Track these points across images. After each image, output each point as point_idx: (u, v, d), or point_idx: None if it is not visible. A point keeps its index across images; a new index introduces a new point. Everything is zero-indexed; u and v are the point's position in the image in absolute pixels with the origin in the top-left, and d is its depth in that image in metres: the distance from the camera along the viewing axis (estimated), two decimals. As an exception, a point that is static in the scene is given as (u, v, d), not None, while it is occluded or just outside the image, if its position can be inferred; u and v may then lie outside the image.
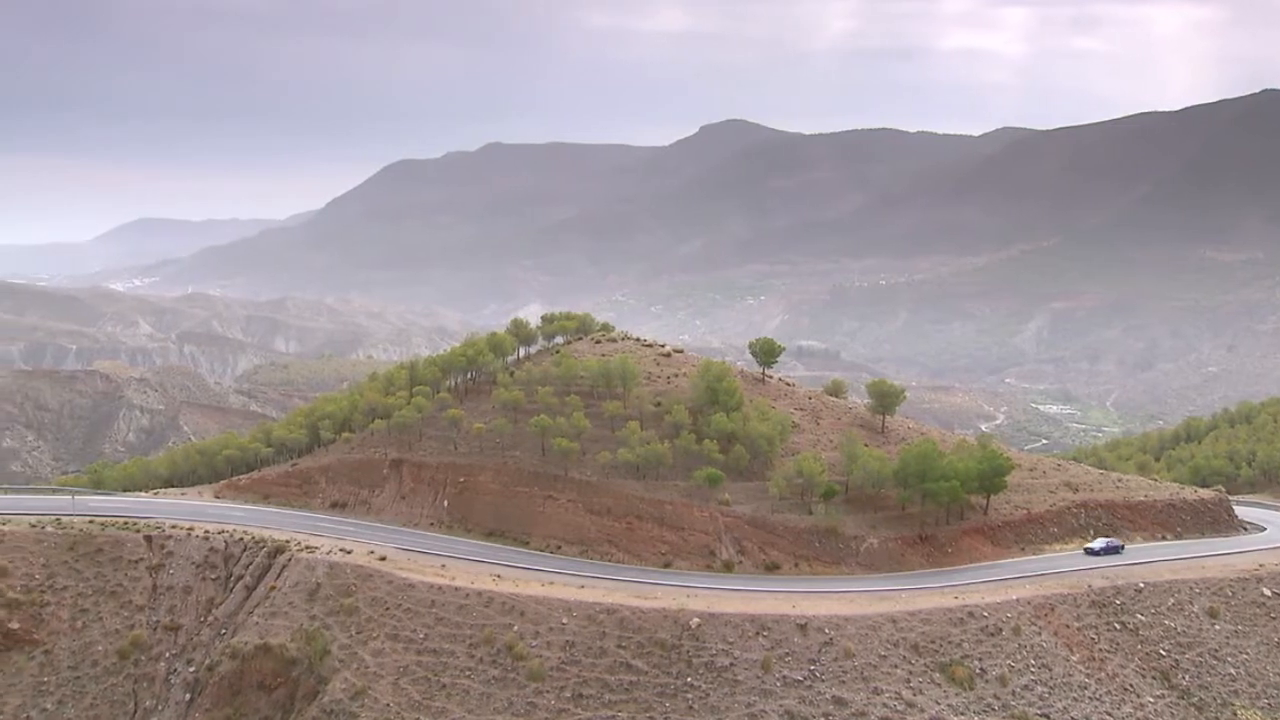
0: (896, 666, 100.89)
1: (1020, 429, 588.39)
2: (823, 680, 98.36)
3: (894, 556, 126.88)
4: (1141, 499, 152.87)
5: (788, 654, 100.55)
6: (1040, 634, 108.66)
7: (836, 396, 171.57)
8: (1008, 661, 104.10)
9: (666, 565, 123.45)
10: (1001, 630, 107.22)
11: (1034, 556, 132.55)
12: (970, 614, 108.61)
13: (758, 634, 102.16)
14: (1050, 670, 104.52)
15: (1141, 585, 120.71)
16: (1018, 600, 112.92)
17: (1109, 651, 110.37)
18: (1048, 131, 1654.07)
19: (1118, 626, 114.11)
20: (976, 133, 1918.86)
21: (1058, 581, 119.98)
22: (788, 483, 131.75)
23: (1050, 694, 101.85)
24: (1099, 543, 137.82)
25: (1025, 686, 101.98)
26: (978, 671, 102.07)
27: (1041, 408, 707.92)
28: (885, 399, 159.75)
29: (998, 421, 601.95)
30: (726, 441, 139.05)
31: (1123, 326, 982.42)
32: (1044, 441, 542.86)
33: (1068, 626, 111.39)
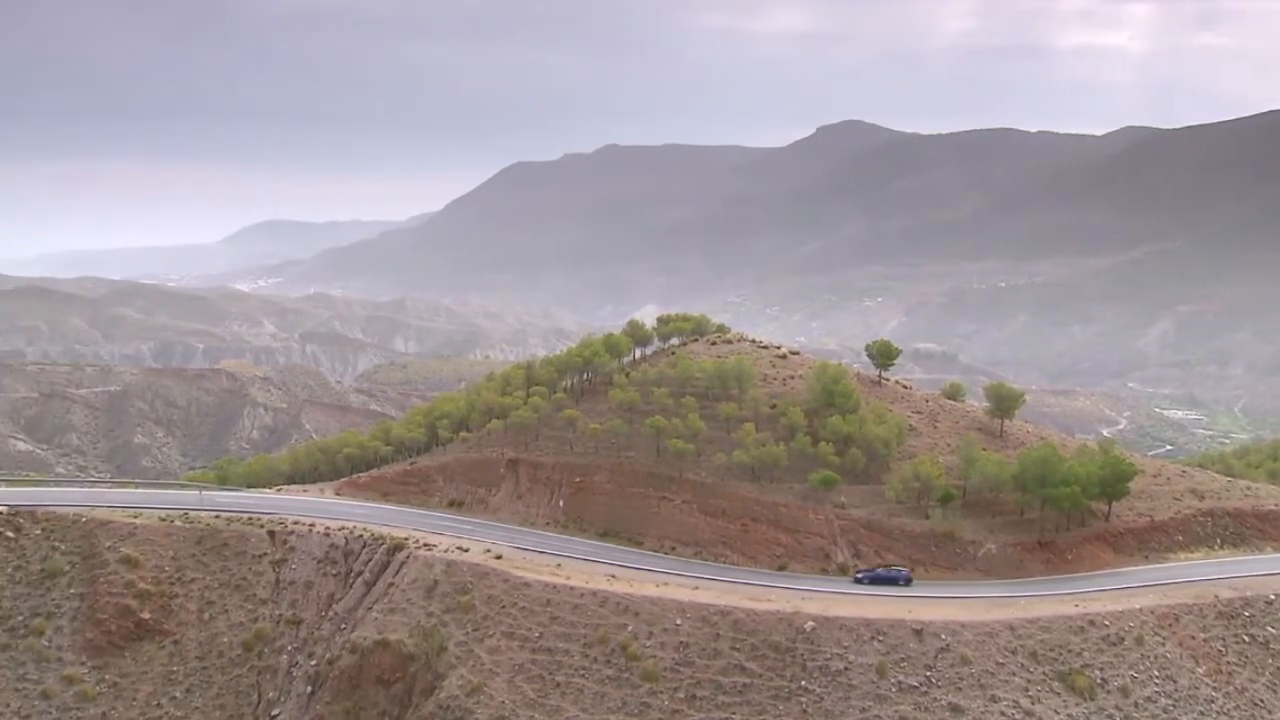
0: (1014, 674, 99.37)
1: (1144, 434, 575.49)
2: (939, 687, 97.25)
3: (1012, 562, 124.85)
4: (1273, 507, 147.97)
5: (903, 659, 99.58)
6: (1164, 644, 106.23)
7: (954, 400, 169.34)
8: (1130, 672, 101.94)
9: (781, 568, 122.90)
10: (1124, 640, 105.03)
11: (1158, 565, 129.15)
12: (1091, 622, 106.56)
13: (873, 639, 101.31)
14: (1175, 682, 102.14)
15: (1272, 597, 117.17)
16: (1141, 609, 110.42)
17: (1237, 665, 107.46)
18: (1173, 130, 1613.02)
19: (1246, 639, 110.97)
20: (1099, 132, 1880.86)
21: (1183, 591, 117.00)
22: (904, 486, 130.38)
23: (1174, 706, 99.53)
24: (881, 572, 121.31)
25: (1148, 698, 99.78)
26: (1099, 681, 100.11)
27: (1166, 413, 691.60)
28: (1004, 402, 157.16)
29: (1120, 426, 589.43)
30: (842, 444, 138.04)
31: (1252, 330, 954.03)
32: (1168, 447, 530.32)
33: (1193, 638, 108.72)
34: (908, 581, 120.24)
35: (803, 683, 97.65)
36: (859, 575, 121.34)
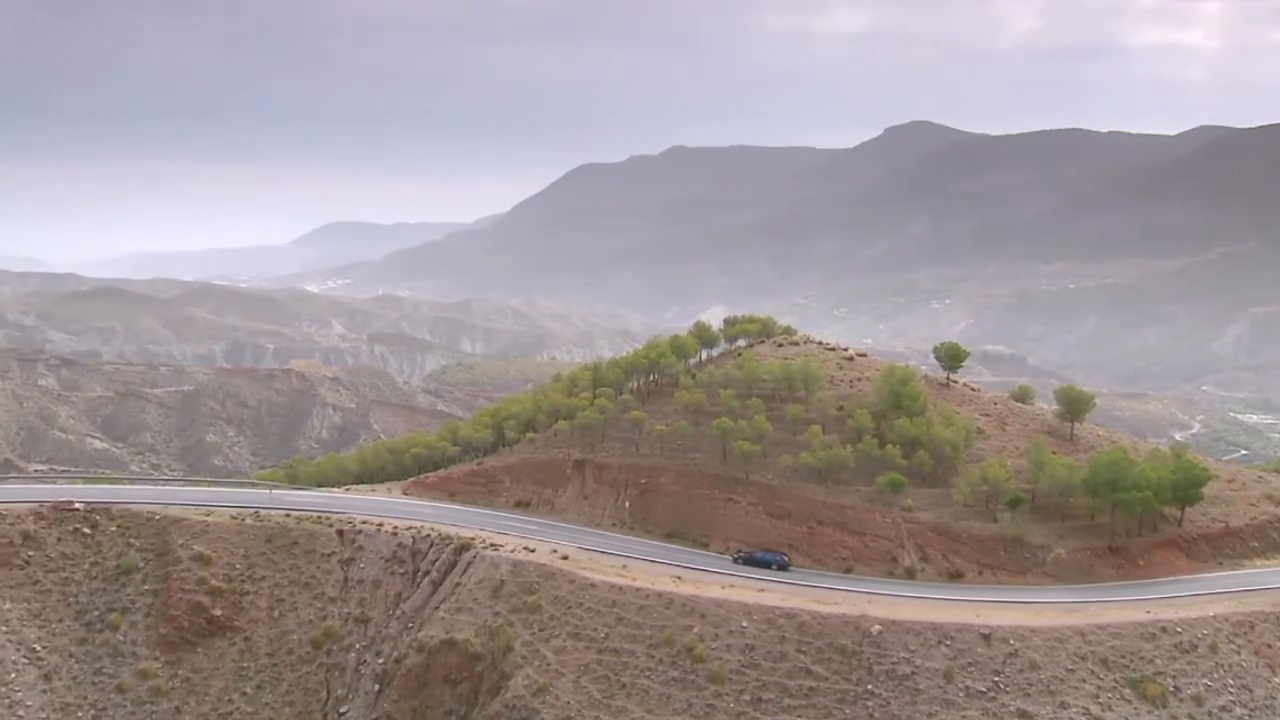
0: (1085, 681, 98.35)
1: (1218, 439, 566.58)
2: (1007, 692, 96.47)
3: (1082, 567, 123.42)
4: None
5: (971, 664, 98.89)
6: (1239, 653, 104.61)
7: (1023, 402, 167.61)
8: (1204, 680, 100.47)
9: (847, 570, 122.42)
10: (1197, 647, 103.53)
11: (1232, 571, 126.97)
12: (1163, 629, 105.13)
13: (940, 643, 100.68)
14: (1250, 691, 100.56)
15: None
16: (1215, 616, 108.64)
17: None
18: (1247, 130, 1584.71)
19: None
20: (1172, 132, 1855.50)
21: (1259, 598, 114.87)
22: (972, 489, 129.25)
23: (1250, 716, 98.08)
24: (757, 554, 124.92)
25: (1223, 707, 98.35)
26: (1171, 690, 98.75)
27: (1241, 417, 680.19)
28: (1074, 405, 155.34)
29: (1193, 430, 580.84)
30: (910, 447, 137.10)
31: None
32: (1243, 452, 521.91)
33: (1269, 645, 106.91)
34: (782, 566, 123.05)
35: (869, 686, 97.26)
36: (737, 556, 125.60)
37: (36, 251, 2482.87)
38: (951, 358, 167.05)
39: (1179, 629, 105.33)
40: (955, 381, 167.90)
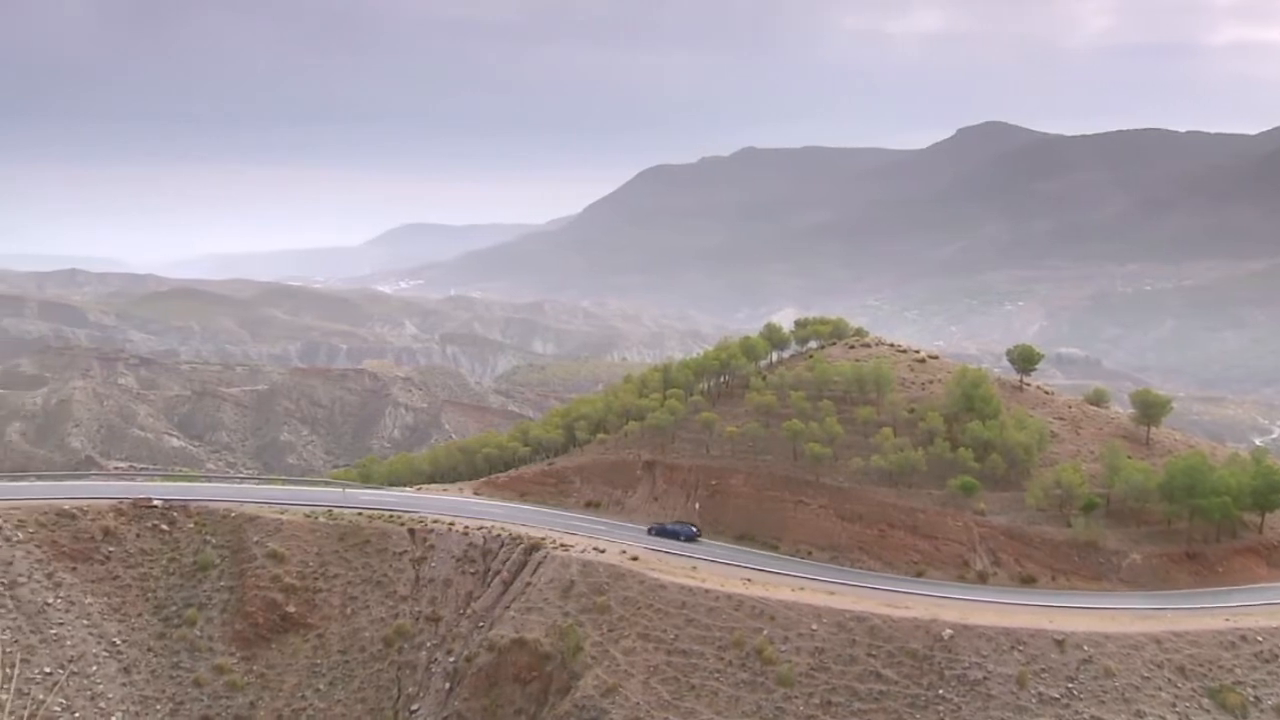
0: (1161, 689, 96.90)
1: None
2: (1081, 699, 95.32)
3: (1158, 574, 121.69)
4: None
5: (1044, 670, 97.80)
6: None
7: (1098, 406, 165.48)
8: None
9: (918, 574, 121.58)
10: (1279, 656, 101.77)
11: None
12: (1243, 638, 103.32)
13: (1013, 648, 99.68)
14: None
15: None
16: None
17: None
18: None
19: None
20: (1253, 130, 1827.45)
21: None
22: (1046, 493, 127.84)
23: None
24: (668, 526, 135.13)
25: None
26: (1251, 700, 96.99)
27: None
28: (1150, 409, 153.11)
29: (1274, 435, 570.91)
30: (982, 450, 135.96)
31: None
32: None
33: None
34: (690, 538, 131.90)
35: (940, 691, 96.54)
36: (650, 528, 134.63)
37: (117, 253, 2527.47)
38: (1025, 360, 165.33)
39: (1259, 638, 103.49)
40: (1028, 384, 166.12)
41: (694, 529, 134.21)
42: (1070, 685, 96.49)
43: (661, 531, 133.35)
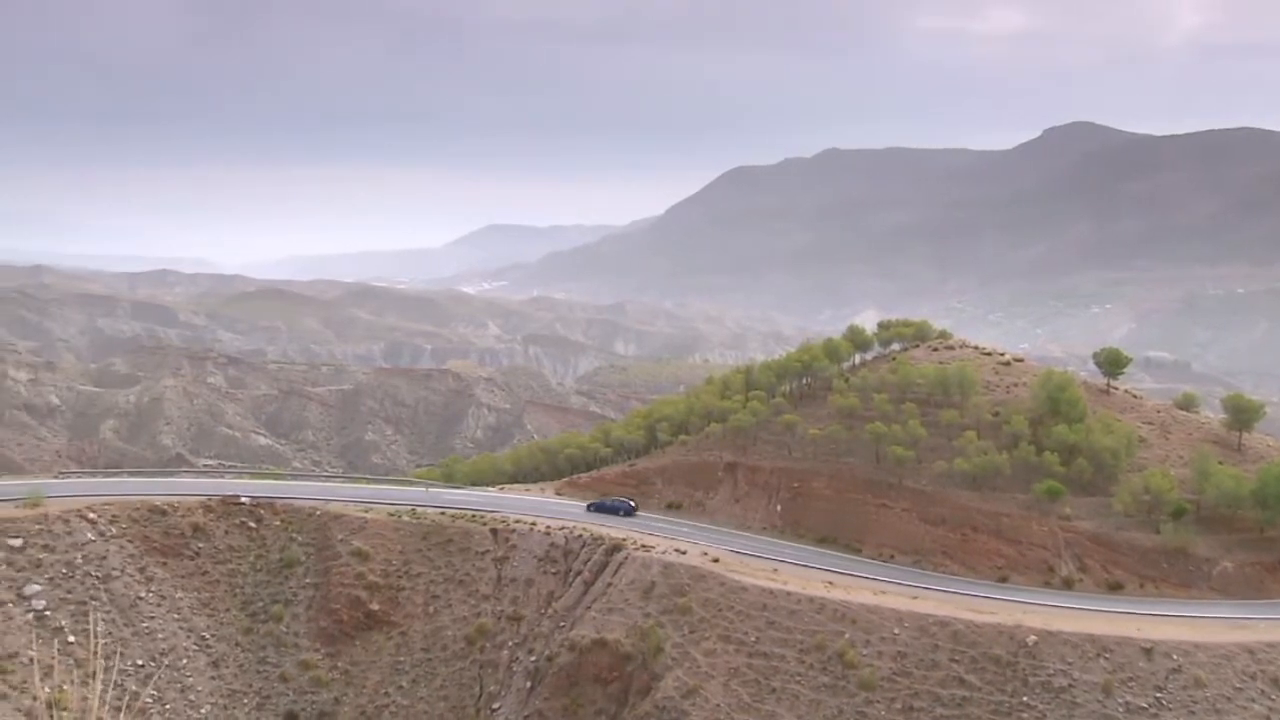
0: (1254, 700, 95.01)
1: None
2: (1169, 709, 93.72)
3: (1251, 582, 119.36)
4: None
5: (1131, 679, 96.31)
6: None
7: (1187, 410, 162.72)
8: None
9: (1002, 579, 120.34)
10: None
11: None
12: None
13: (1099, 655, 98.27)
14: None
15: None
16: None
17: None
18: None
19: None
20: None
21: None
22: (1133, 499, 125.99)
23: None
24: (605, 501, 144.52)
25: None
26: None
27: None
28: (1242, 414, 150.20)
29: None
30: (1067, 454, 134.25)
31: None
32: None
33: None
34: (628, 513, 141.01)
35: (1024, 698, 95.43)
36: (589, 506, 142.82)
37: (207, 254, 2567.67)
38: (1112, 364, 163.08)
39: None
40: (1116, 388, 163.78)
41: (631, 504, 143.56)
42: (1158, 695, 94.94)
43: (600, 507, 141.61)
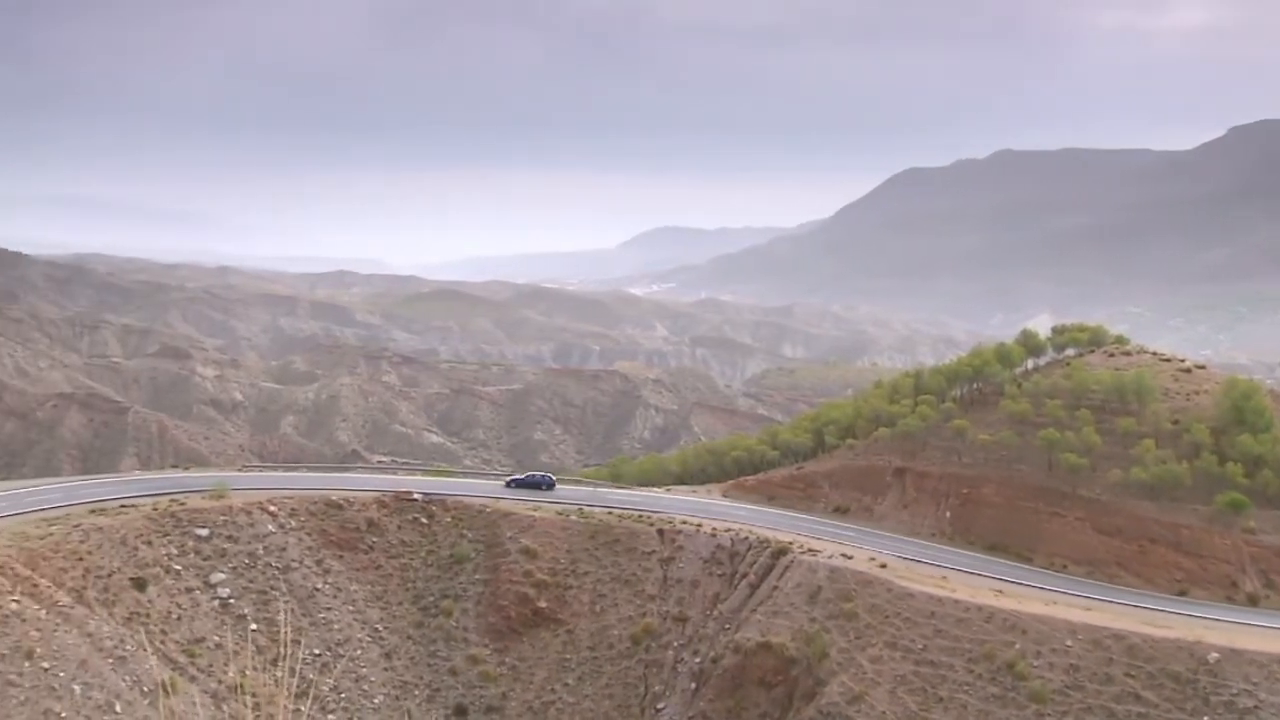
0: None
1: None
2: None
3: None
4: None
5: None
6: None
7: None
8: None
9: (1181, 593, 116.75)
10: None
11: None
12: None
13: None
14: None
15: None
16: None
17: None
18: None
19: None
20: None
21: None
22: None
23: None
24: (524, 477, 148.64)
25: None
26: None
27: None
28: None
29: None
30: (1253, 465, 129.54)
31: None
32: None
33: None
34: (550, 486, 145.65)
35: (1205, 717, 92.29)
36: (509, 481, 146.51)
37: (383, 254, 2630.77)
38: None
39: None
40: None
41: (551, 477, 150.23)
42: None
43: (520, 483, 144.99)
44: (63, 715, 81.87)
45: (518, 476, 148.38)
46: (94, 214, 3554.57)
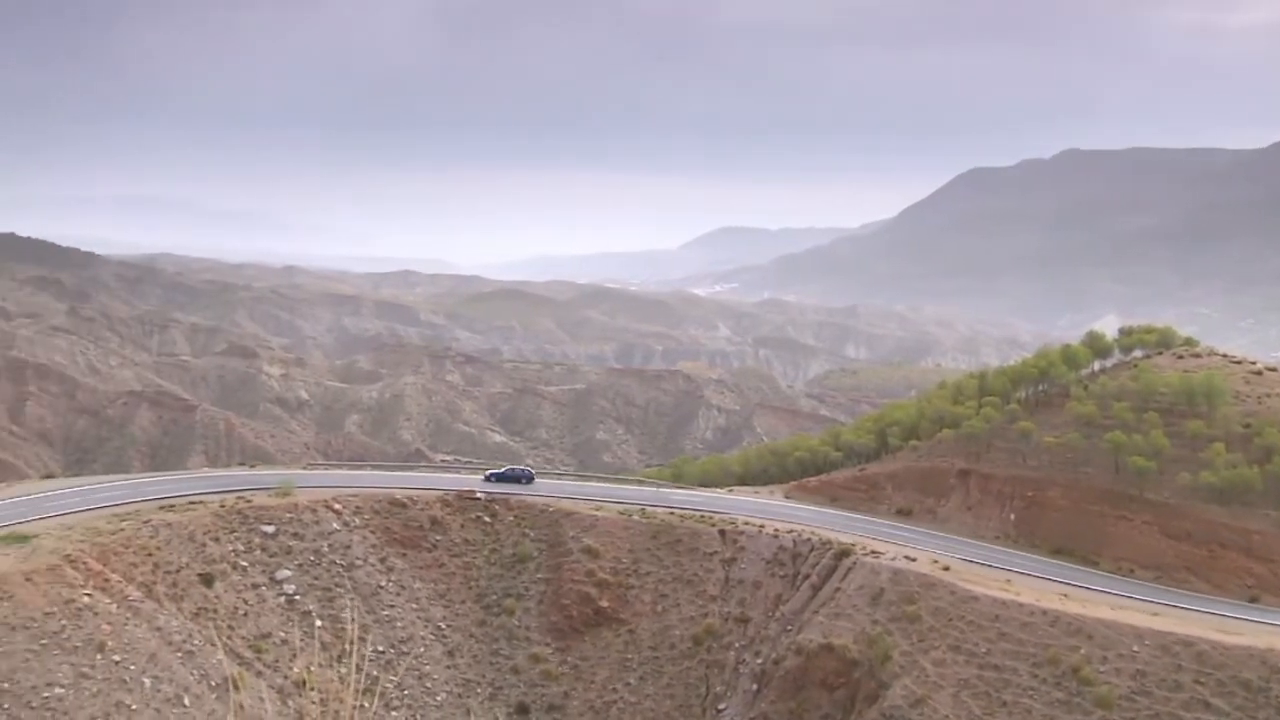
0: None
1: None
2: None
3: None
4: None
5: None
6: None
7: None
8: None
9: (1252, 599, 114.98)
10: None
11: None
12: None
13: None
14: None
15: None
16: None
17: None
18: None
19: None
20: None
21: None
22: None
23: None
24: (505, 471, 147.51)
25: None
26: None
27: None
28: None
29: None
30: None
31: None
32: None
33: None
34: (529, 480, 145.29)
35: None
36: (488, 475, 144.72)
37: (445, 254, 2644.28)
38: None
39: None
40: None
41: (531, 471, 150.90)
42: None
43: (500, 478, 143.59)
44: (133, 708, 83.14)
45: (498, 471, 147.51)
46: (162, 214, 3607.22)
